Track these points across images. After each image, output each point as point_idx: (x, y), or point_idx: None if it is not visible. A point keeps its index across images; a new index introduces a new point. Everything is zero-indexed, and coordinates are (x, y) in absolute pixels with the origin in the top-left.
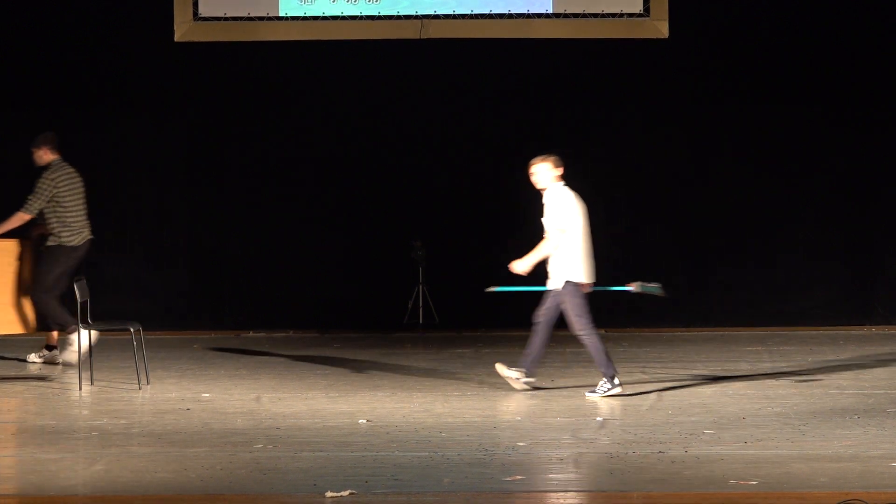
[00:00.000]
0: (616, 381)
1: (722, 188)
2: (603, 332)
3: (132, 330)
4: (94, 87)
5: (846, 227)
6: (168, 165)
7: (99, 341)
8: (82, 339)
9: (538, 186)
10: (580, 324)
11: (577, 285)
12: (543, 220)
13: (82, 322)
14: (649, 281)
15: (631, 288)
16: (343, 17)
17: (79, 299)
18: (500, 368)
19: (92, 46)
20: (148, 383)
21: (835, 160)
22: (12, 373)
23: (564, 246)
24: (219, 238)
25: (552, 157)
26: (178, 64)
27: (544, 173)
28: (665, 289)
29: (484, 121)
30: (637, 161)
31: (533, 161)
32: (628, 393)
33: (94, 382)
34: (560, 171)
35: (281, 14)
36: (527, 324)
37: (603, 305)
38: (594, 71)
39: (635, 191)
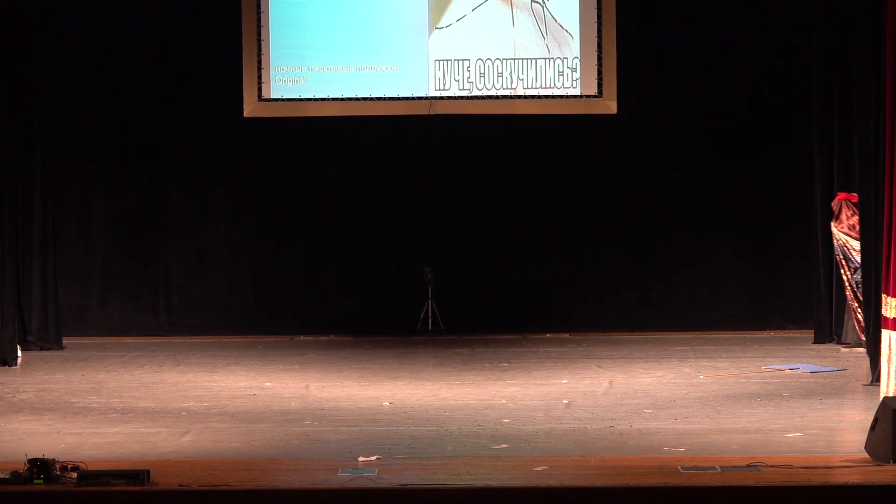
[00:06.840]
0: None
1: (658, 231)
2: (567, 335)
3: None
4: (183, 151)
5: (752, 258)
6: (238, 211)
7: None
8: None
9: None
10: None
11: None
12: None
13: None
14: None
15: None
16: (370, 99)
17: None
18: None
19: (181, 120)
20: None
21: (745, 210)
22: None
23: None
24: (276, 265)
25: None
26: (247, 133)
27: None
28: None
29: (478, 178)
30: (591, 207)
31: None
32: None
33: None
34: None
35: (325, 96)
36: (512, 328)
37: (569, 312)
38: (561, 139)
39: (590, 228)
